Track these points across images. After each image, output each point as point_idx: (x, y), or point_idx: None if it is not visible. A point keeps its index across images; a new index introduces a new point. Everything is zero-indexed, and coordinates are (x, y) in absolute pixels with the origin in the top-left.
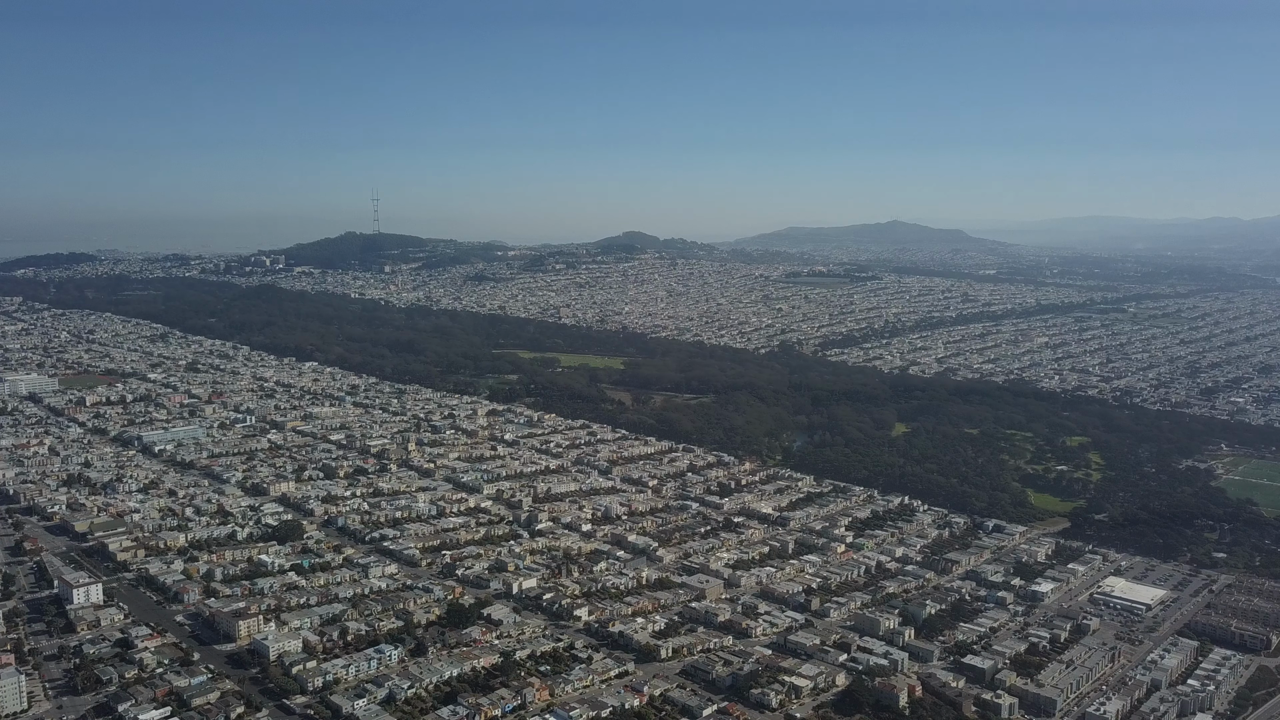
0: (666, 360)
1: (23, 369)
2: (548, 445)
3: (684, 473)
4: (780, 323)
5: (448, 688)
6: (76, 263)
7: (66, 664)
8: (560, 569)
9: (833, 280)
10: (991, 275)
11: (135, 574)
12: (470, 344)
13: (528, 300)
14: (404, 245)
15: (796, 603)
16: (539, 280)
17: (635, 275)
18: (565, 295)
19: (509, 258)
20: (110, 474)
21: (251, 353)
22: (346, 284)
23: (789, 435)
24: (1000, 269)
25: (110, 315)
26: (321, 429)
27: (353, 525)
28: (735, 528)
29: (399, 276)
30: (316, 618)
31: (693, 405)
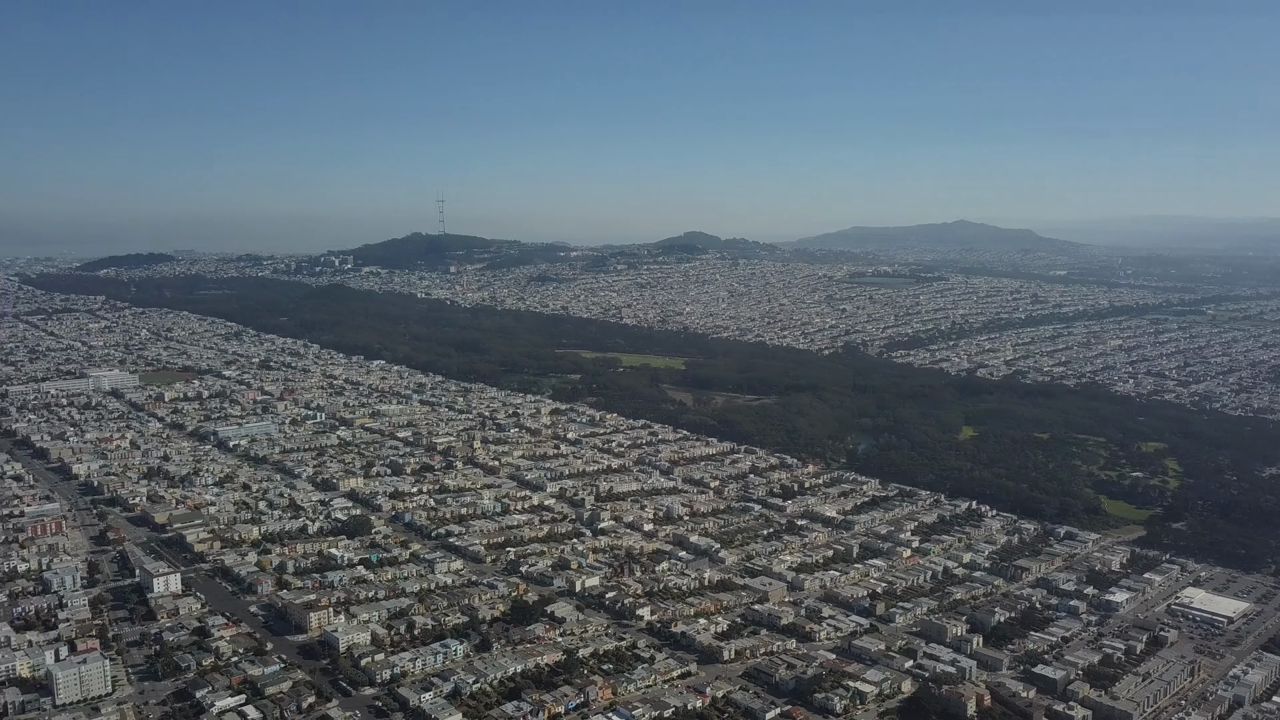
0: (728, 361)
1: (106, 365)
2: (609, 445)
3: (746, 474)
4: (844, 323)
5: (512, 684)
6: (155, 263)
7: (147, 650)
8: (622, 568)
9: (898, 281)
10: (1062, 276)
11: (211, 565)
12: (533, 343)
13: (590, 300)
14: (469, 246)
15: (861, 607)
16: (601, 281)
17: (697, 275)
18: (627, 295)
19: (571, 258)
20: (188, 468)
21: (321, 351)
22: (413, 284)
23: (853, 438)
24: (1071, 270)
25: (187, 314)
26: (389, 426)
27: (419, 521)
28: (798, 530)
29: (464, 277)
30: (384, 611)
31: (754, 406)
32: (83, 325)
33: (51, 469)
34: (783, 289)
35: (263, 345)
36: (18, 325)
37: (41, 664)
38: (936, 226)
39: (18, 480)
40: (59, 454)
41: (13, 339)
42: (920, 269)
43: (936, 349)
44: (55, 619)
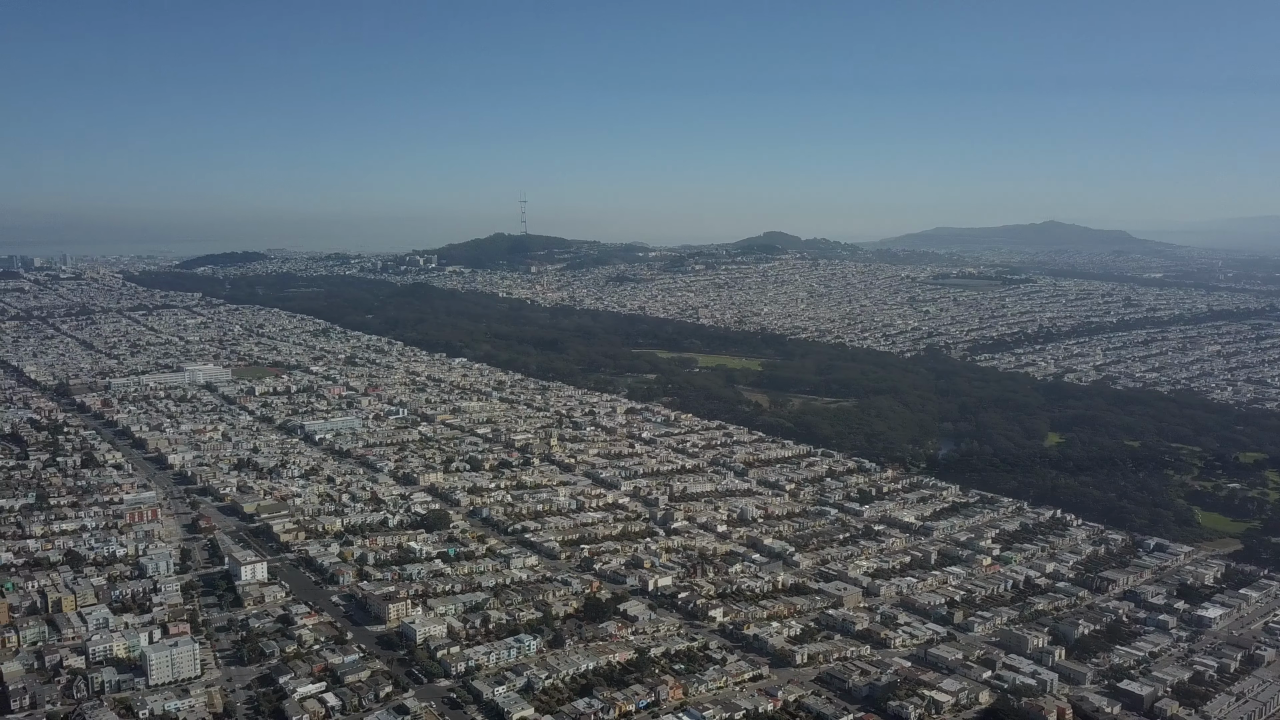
0: (806, 362)
1: (201, 360)
2: (684, 445)
3: (822, 477)
4: (927, 325)
5: (583, 680)
6: (249, 261)
7: (234, 636)
8: (695, 568)
9: (983, 282)
10: (1157, 279)
11: (296, 554)
12: (610, 343)
13: (667, 301)
14: (550, 246)
15: (938, 615)
16: (678, 281)
17: (775, 276)
18: (704, 296)
19: (650, 259)
20: (275, 460)
21: (405, 348)
22: (494, 283)
23: (934, 442)
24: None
25: (278, 310)
26: (469, 422)
27: (496, 516)
28: (875, 535)
29: (544, 276)
30: (460, 605)
31: (832, 409)
32: (180, 321)
33: (149, 458)
34: (864, 290)
35: (349, 342)
36: (121, 320)
37: (136, 645)
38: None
39: (118, 469)
40: (156, 444)
41: (116, 333)
42: (1006, 270)
43: (1022, 353)
44: (150, 603)
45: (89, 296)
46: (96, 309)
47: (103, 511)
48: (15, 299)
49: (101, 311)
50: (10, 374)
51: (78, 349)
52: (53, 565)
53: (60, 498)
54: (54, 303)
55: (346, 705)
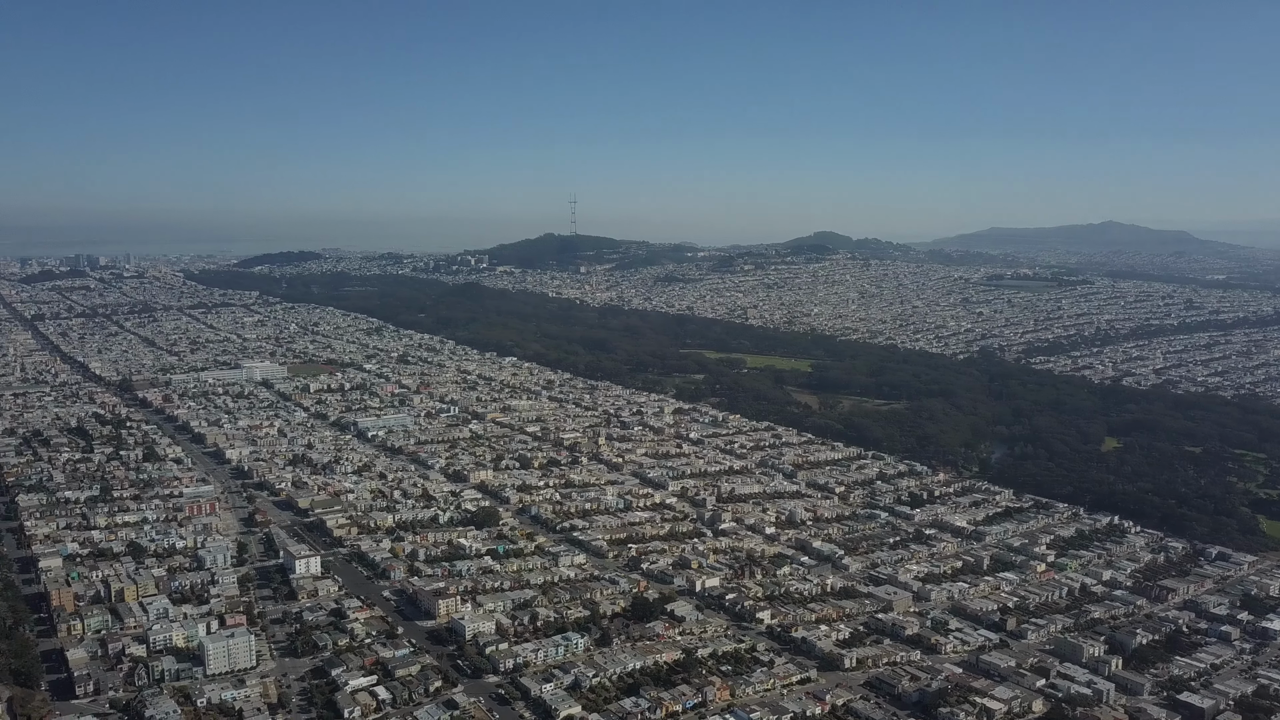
0: (856, 364)
1: (258, 357)
2: (732, 446)
3: (873, 480)
4: (980, 327)
5: (630, 679)
6: (305, 260)
7: (288, 628)
8: (743, 570)
9: (1038, 284)
10: (1220, 280)
11: (349, 550)
12: (658, 343)
13: (715, 301)
14: (599, 246)
15: (990, 621)
16: (727, 281)
17: (826, 276)
18: (753, 296)
19: (698, 259)
20: (329, 456)
21: (456, 347)
22: (544, 283)
23: (987, 446)
24: (1231, 274)
25: (332, 309)
26: (518, 421)
27: (545, 515)
28: (926, 540)
29: (593, 277)
30: (509, 602)
31: (883, 411)
32: (238, 319)
33: (207, 453)
34: (916, 291)
35: (401, 340)
36: (181, 318)
37: (195, 635)
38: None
39: (178, 463)
40: (214, 439)
41: (176, 330)
42: (1063, 272)
43: (1079, 356)
44: (207, 594)
45: (151, 295)
46: (158, 307)
47: (163, 504)
48: (81, 297)
49: (163, 309)
50: (76, 370)
51: (140, 346)
52: (116, 556)
53: (123, 490)
54: (118, 301)
55: (397, 699)
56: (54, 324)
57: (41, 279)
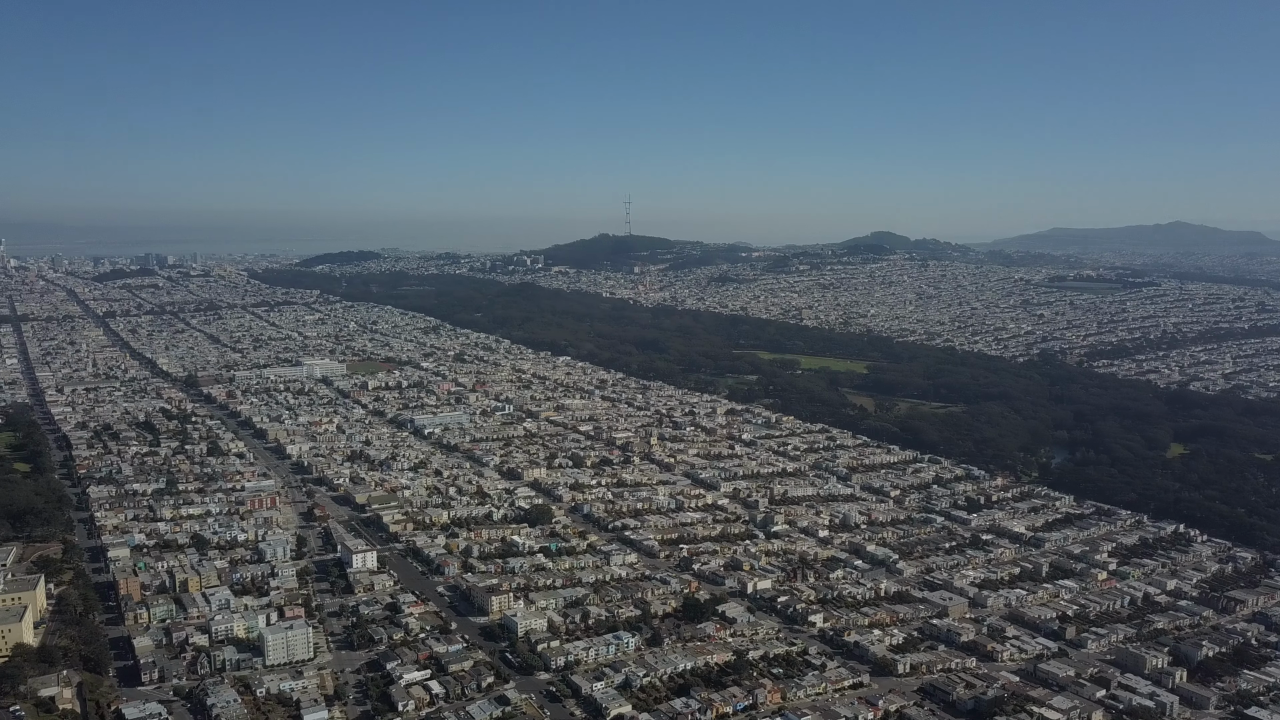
0: (913, 366)
1: (318, 354)
2: (785, 447)
3: (929, 484)
4: (1041, 330)
5: (681, 680)
6: (364, 260)
7: (345, 621)
8: (795, 573)
9: (1102, 285)
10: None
11: (404, 545)
12: (711, 343)
13: (770, 301)
14: (653, 247)
15: (1049, 629)
16: (782, 281)
17: (883, 277)
18: (808, 296)
19: (753, 259)
20: (386, 452)
21: (512, 346)
22: (598, 283)
23: (1047, 450)
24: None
25: (390, 308)
26: (571, 420)
27: (597, 513)
28: (983, 545)
29: (647, 277)
30: (561, 599)
31: (940, 414)
32: (299, 317)
33: (269, 448)
34: (975, 292)
35: (458, 339)
36: (245, 316)
37: (255, 627)
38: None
39: (240, 457)
40: (275, 435)
41: (240, 328)
42: (1128, 273)
43: (1144, 359)
44: (267, 586)
45: (216, 293)
46: (223, 305)
47: (226, 498)
48: (150, 295)
49: (227, 307)
50: (145, 365)
51: (205, 343)
52: (180, 547)
53: (188, 484)
54: (184, 299)
55: (450, 694)
56: (124, 321)
57: (112, 277)
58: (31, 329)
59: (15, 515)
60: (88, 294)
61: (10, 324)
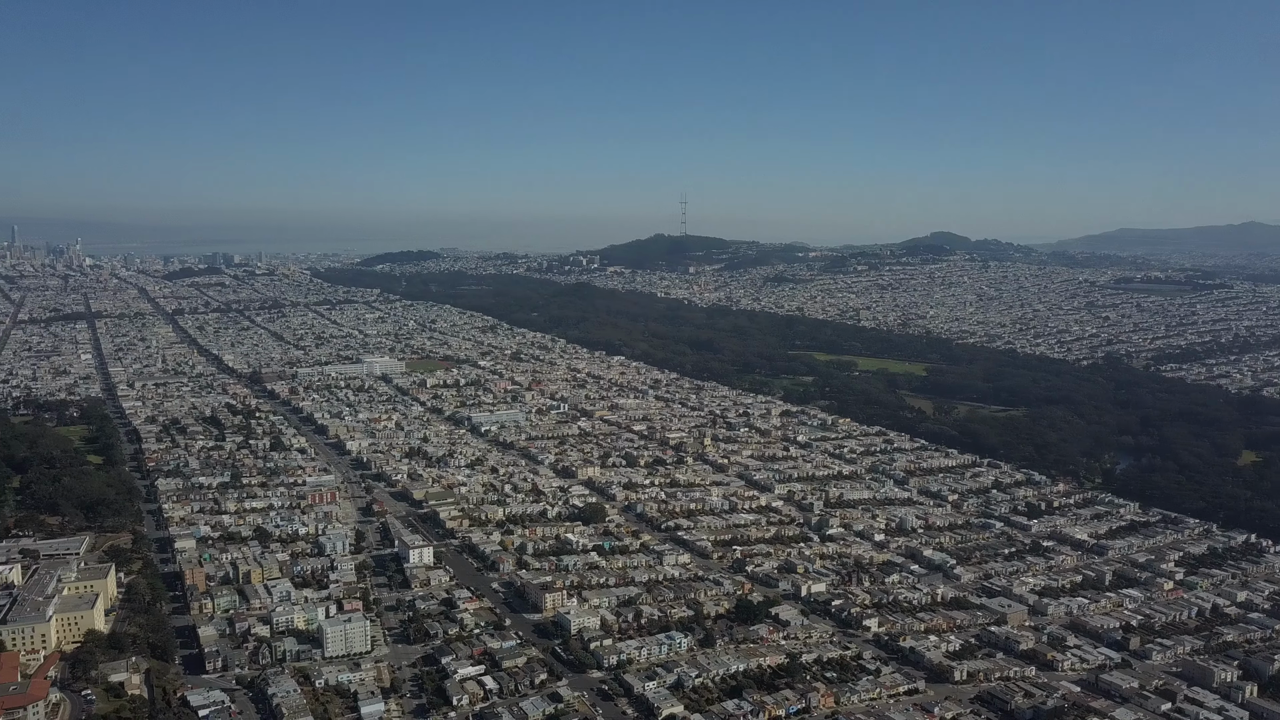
0: (973, 368)
1: (378, 352)
2: (841, 450)
3: (988, 489)
4: (1106, 333)
5: (733, 681)
6: (424, 259)
7: (402, 615)
8: (850, 576)
9: (1170, 287)
10: None
11: (460, 541)
12: (766, 344)
13: (826, 302)
14: (708, 247)
15: (1112, 639)
16: (839, 281)
17: (942, 277)
18: (866, 297)
19: (809, 259)
20: (444, 449)
21: (567, 345)
22: (653, 283)
23: (1111, 456)
24: None
25: (449, 307)
26: (625, 419)
27: (650, 513)
28: (1044, 552)
29: (702, 277)
30: (614, 598)
31: (1000, 418)
32: (360, 315)
33: (329, 444)
34: (1037, 294)
35: (514, 338)
36: (307, 314)
37: (314, 619)
38: (1220, 229)
39: (302, 453)
40: (336, 431)
41: (303, 326)
42: (1197, 275)
43: (1214, 364)
44: (327, 579)
45: (280, 291)
46: (286, 303)
47: (288, 492)
48: (217, 293)
49: (291, 305)
50: (211, 362)
51: (269, 340)
52: (244, 540)
53: (251, 478)
54: (250, 297)
55: (504, 689)
56: (192, 318)
57: (181, 276)
58: (105, 325)
59: (88, 506)
60: (158, 291)
61: (85, 321)
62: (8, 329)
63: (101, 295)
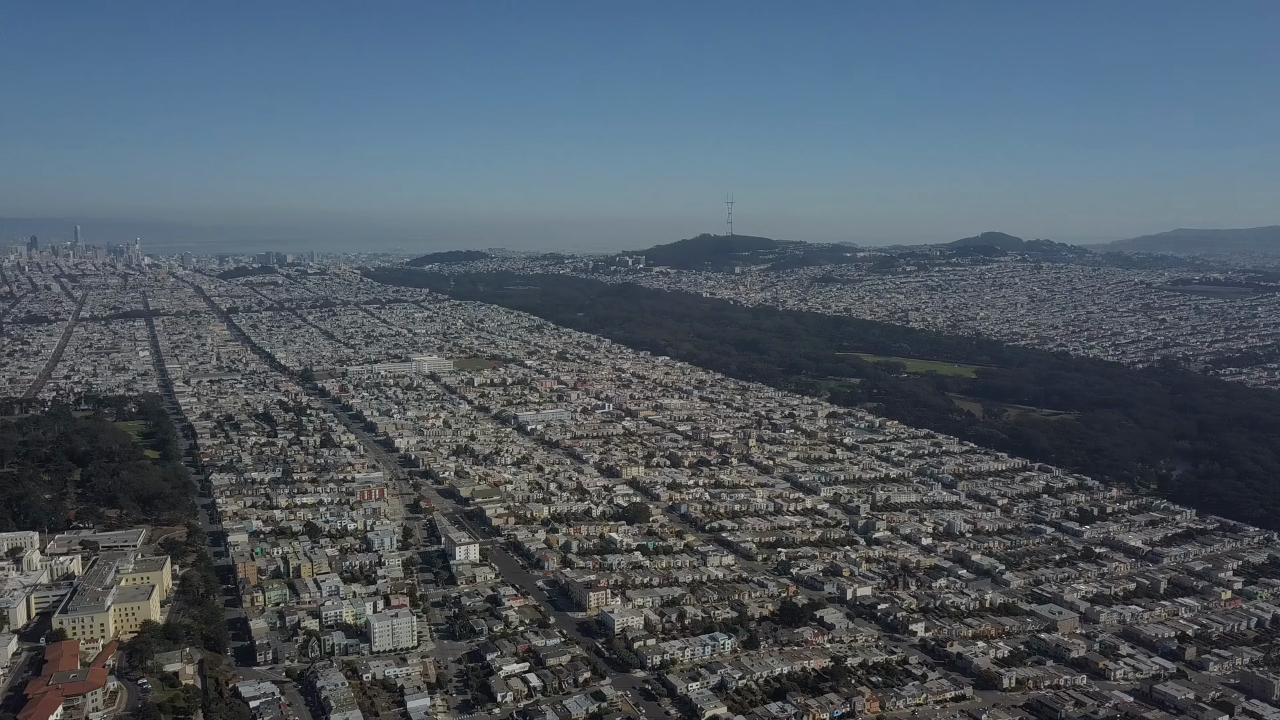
0: (1024, 371)
1: (426, 351)
2: (888, 453)
3: (1038, 494)
4: (1163, 335)
5: (777, 684)
6: (472, 260)
7: (447, 611)
8: (897, 580)
9: (1230, 289)
10: None
11: (505, 539)
12: (813, 345)
13: (874, 303)
14: (754, 247)
15: (1167, 649)
16: (887, 282)
17: (993, 279)
18: (915, 298)
19: (857, 259)
20: (490, 447)
21: (612, 345)
22: (699, 284)
23: (1167, 462)
24: None
25: (497, 307)
26: (670, 419)
27: (694, 513)
28: (1096, 559)
29: (748, 277)
30: (657, 598)
31: (1052, 421)
32: (409, 314)
33: (378, 441)
34: (1091, 295)
35: (560, 338)
36: (358, 313)
37: (362, 613)
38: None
39: (351, 449)
40: (385, 428)
41: (353, 324)
42: (1259, 276)
43: (1276, 368)
44: (375, 575)
45: (331, 290)
46: (337, 302)
47: (337, 488)
48: (270, 292)
49: (341, 304)
50: (264, 359)
51: (320, 338)
52: (294, 534)
53: (302, 474)
54: (302, 295)
55: (547, 687)
56: (246, 316)
57: (236, 275)
58: (162, 323)
59: (145, 499)
60: (213, 290)
61: (143, 318)
62: (70, 326)
63: (159, 293)
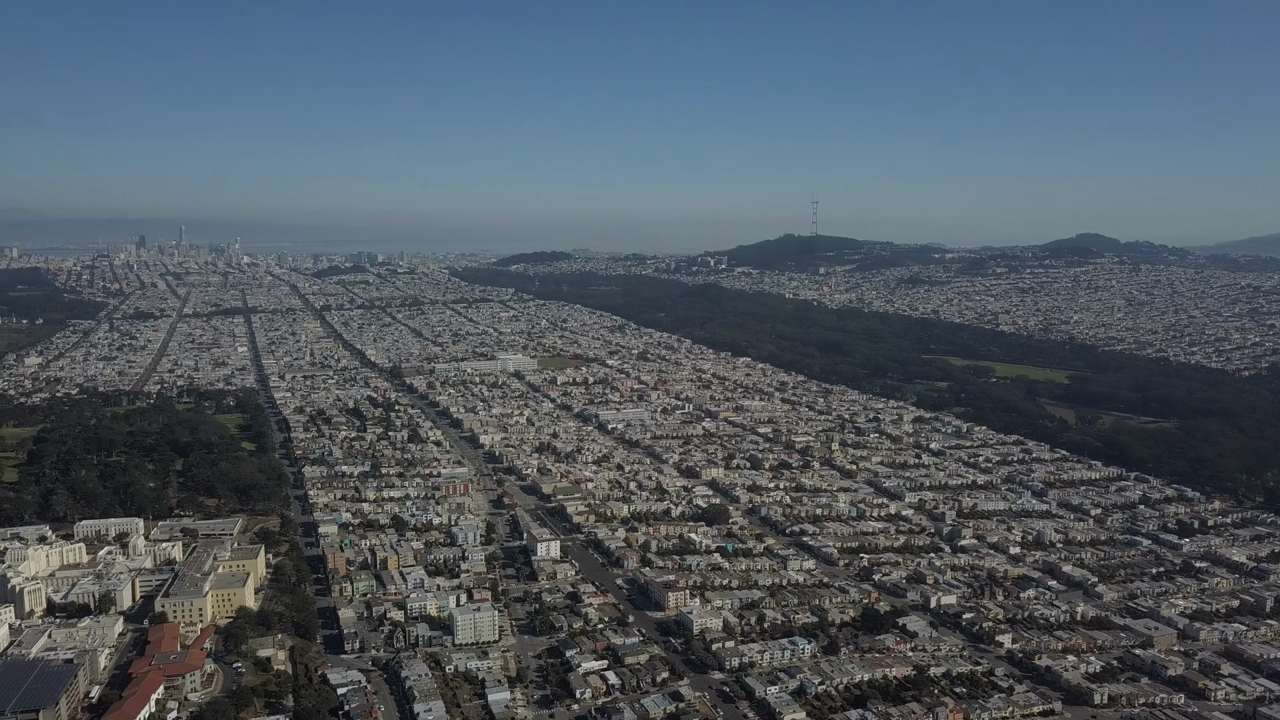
0: (1120, 377)
1: (511, 350)
2: (976, 459)
3: (1134, 504)
4: (1272, 342)
5: (857, 691)
6: (556, 260)
7: (528, 607)
8: (983, 589)
9: None
10: None
11: (586, 536)
12: (899, 348)
13: (963, 305)
14: (839, 247)
15: (1272, 670)
16: (977, 284)
17: (1088, 281)
18: (1005, 301)
19: (946, 260)
20: (572, 445)
21: (693, 346)
22: (781, 284)
23: (1274, 474)
24: None
25: (579, 306)
26: (750, 421)
27: (774, 516)
28: (1196, 573)
29: (832, 278)
30: (736, 600)
31: (1150, 430)
32: (495, 314)
33: (464, 437)
34: (1194, 299)
35: (642, 338)
36: (445, 311)
37: (446, 606)
38: None
39: (437, 445)
40: (470, 425)
41: (441, 323)
42: None
43: None
44: (458, 569)
45: (420, 289)
46: (426, 301)
47: (423, 483)
48: (361, 290)
49: (429, 303)
50: (355, 356)
51: (409, 336)
52: (381, 527)
53: (390, 468)
54: (391, 294)
55: (626, 685)
56: (338, 314)
57: (329, 274)
58: (259, 320)
59: (242, 490)
60: (307, 288)
61: (242, 315)
62: (174, 322)
63: (257, 291)
